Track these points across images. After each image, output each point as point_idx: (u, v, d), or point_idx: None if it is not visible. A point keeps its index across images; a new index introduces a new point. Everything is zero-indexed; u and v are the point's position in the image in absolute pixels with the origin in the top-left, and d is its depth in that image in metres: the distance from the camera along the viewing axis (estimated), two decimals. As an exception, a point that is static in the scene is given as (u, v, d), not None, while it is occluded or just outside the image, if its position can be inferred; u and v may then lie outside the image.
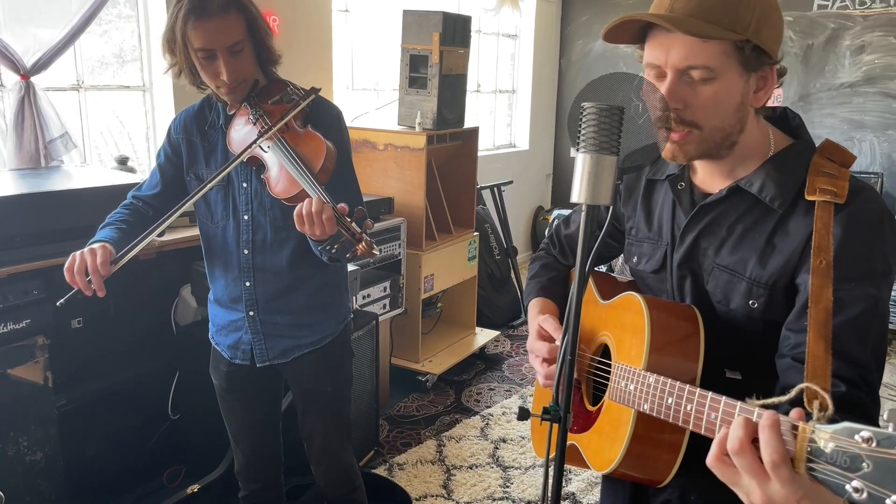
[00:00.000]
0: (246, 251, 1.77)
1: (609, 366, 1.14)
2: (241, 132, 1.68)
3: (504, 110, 6.22)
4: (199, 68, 1.62)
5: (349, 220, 1.41)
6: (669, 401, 0.95)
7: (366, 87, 4.65)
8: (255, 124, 1.64)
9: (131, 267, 2.61)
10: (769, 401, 0.81)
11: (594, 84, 1.01)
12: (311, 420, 1.94)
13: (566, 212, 5.42)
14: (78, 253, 1.58)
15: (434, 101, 3.62)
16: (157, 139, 3.38)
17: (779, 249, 1.04)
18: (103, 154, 3.28)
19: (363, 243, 1.39)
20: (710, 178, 1.14)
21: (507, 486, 2.87)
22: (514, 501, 2.77)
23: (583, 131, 0.89)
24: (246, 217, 1.75)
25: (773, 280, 1.04)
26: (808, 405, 0.81)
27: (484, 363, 4.12)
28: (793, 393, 0.80)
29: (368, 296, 3.29)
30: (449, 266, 3.89)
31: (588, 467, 1.16)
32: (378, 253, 1.46)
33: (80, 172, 2.70)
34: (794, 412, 0.76)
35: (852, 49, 5.30)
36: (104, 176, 2.62)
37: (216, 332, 1.92)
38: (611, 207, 0.93)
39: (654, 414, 0.98)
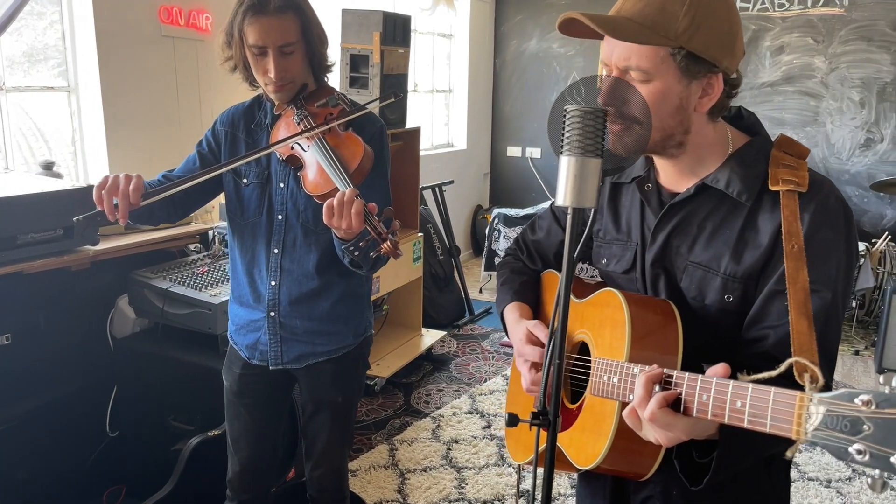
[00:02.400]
0: (276, 250, 1.78)
1: (587, 363, 1.14)
2: (284, 134, 1.70)
3: (441, 110, 6.22)
4: (251, 63, 1.67)
5: (377, 218, 1.44)
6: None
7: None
8: (298, 124, 1.68)
9: (62, 277, 2.49)
10: (759, 376, 0.83)
11: (567, 91, 1.02)
12: (317, 425, 1.94)
13: (506, 210, 5.48)
14: (112, 175, 1.56)
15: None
16: (84, 142, 3.21)
17: (751, 244, 1.07)
18: (18, 158, 3.08)
19: (388, 243, 1.41)
20: (674, 178, 1.17)
21: (463, 487, 2.86)
22: (470, 502, 2.77)
23: (566, 134, 0.89)
24: (280, 217, 1.77)
25: (747, 274, 1.07)
26: (798, 379, 0.83)
27: (431, 364, 4.10)
28: (783, 367, 0.82)
29: (314, 300, 3.22)
30: (394, 268, 3.85)
31: (569, 468, 1.15)
32: (402, 254, 1.47)
33: (5, 179, 2.53)
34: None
35: (772, 50, 5.55)
36: (30, 183, 2.47)
37: (235, 332, 1.91)
38: (594, 210, 0.93)
39: None
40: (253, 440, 1.95)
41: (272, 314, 1.81)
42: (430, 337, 4.22)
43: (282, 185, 1.76)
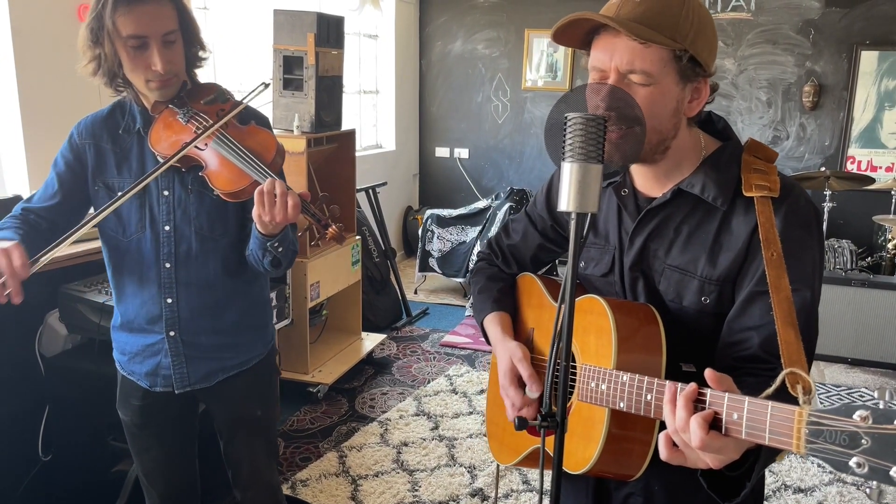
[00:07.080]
0: (168, 265, 1.63)
1: (573, 368, 1.16)
2: (170, 134, 1.57)
3: (369, 111, 6.18)
4: (126, 59, 1.51)
5: (314, 205, 1.39)
6: (648, 397, 0.97)
7: (230, 89, 4.42)
8: (187, 124, 1.56)
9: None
10: (765, 392, 0.84)
11: (561, 101, 1.04)
12: (239, 447, 1.82)
13: (439, 211, 5.49)
14: None
15: (311, 104, 3.52)
16: (0, 150, 3.00)
17: (726, 247, 1.11)
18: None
19: (333, 227, 1.37)
20: (650, 183, 1.20)
21: (416, 490, 2.86)
22: (424, 504, 2.77)
23: (568, 141, 0.91)
24: (167, 228, 1.62)
25: (723, 276, 1.11)
26: (791, 390, 0.87)
27: (373, 368, 4.07)
28: (778, 381, 0.85)
29: (255, 308, 3.14)
30: (334, 272, 3.81)
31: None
32: (346, 238, 1.46)
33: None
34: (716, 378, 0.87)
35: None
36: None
37: (128, 362, 1.73)
38: (590, 214, 0.95)
39: (633, 411, 1.00)
40: (167, 469, 1.81)
41: (171, 333, 1.66)
42: (371, 341, 4.19)
43: (166, 192, 1.61)
